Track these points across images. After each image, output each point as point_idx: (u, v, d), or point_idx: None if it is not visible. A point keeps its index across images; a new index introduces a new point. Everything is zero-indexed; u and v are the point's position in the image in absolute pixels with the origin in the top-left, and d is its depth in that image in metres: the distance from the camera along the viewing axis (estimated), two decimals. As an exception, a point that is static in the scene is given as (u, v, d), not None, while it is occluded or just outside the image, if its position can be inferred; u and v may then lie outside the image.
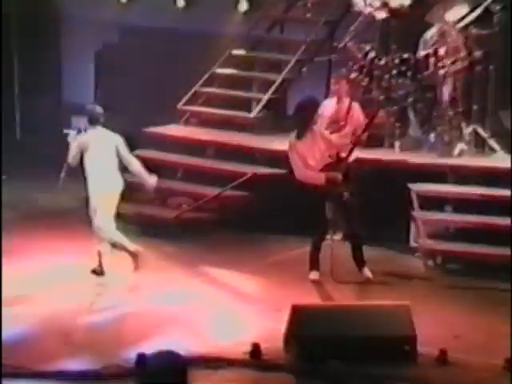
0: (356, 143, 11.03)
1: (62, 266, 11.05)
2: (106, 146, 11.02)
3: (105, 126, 11.12)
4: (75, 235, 11.73)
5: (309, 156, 10.73)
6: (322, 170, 10.71)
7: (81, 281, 10.63)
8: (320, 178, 10.66)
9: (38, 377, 8.25)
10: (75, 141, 11.00)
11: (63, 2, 16.15)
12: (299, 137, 10.82)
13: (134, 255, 10.94)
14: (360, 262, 10.96)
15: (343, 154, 10.78)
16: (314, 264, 10.92)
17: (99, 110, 11.21)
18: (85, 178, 11.04)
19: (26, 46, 16.15)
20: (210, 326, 9.45)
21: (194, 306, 10.00)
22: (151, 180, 11.18)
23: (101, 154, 10.94)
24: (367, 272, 10.88)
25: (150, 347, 8.57)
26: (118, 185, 11.05)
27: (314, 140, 10.80)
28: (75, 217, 12.44)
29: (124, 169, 11.13)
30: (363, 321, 8.88)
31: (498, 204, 11.58)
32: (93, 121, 11.10)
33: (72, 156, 11.02)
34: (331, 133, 12.02)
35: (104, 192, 10.95)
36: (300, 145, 10.78)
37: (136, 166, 11.12)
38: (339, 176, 10.64)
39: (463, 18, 12.61)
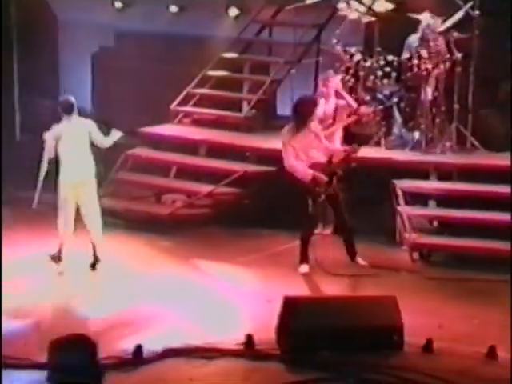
0: (349, 154, 10.99)
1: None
2: (79, 134, 11.06)
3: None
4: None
5: (301, 150, 10.76)
6: (310, 167, 10.69)
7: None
8: (307, 175, 10.68)
9: (38, 368, 8.17)
10: (50, 133, 11.07)
11: (61, 6, 16.09)
12: (296, 130, 10.81)
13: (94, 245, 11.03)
14: (352, 253, 11.02)
15: (334, 160, 10.83)
16: (304, 257, 10.91)
17: (72, 100, 11.17)
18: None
19: (26, 48, 16.11)
20: (203, 318, 9.41)
21: (187, 298, 9.98)
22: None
23: (73, 142, 11.00)
24: (360, 260, 10.95)
25: (145, 339, 8.65)
26: (91, 173, 11.08)
27: (308, 136, 10.80)
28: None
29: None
30: (352, 312, 8.86)
31: (480, 199, 11.58)
32: (67, 111, 11.10)
33: (47, 149, 11.06)
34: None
35: (77, 180, 10.99)
36: (295, 137, 10.79)
37: (108, 141, 11.16)
38: (324, 179, 10.69)
39: (443, 22, 12.64)
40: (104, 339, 8.67)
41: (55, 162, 11.15)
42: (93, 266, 10.96)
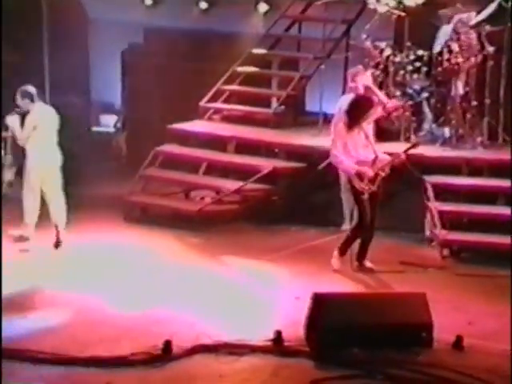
0: (394, 158, 10.90)
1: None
2: (49, 121, 11.63)
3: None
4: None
5: (351, 146, 10.70)
6: (357, 164, 10.66)
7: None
8: (351, 169, 10.64)
9: (70, 363, 8.26)
10: (29, 120, 11.56)
11: (92, 4, 16.18)
12: (349, 127, 10.76)
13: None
14: (363, 255, 10.91)
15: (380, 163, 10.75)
16: (343, 251, 10.92)
17: (32, 88, 11.78)
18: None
19: (57, 46, 16.20)
20: (232, 314, 9.43)
21: (216, 294, 10.01)
22: None
23: (45, 128, 11.57)
24: (368, 263, 10.84)
25: (175, 335, 8.69)
26: (58, 158, 11.64)
27: (359, 134, 10.74)
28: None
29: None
30: (381, 308, 8.86)
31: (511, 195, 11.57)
32: (34, 99, 11.64)
33: (26, 135, 11.56)
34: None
35: (48, 166, 11.56)
36: (347, 134, 10.72)
37: None
38: (370, 174, 10.59)
39: (476, 14, 12.58)
40: (134, 334, 8.82)
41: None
42: (56, 247, 11.50)
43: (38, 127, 11.48)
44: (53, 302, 9.72)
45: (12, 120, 11.61)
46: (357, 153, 10.68)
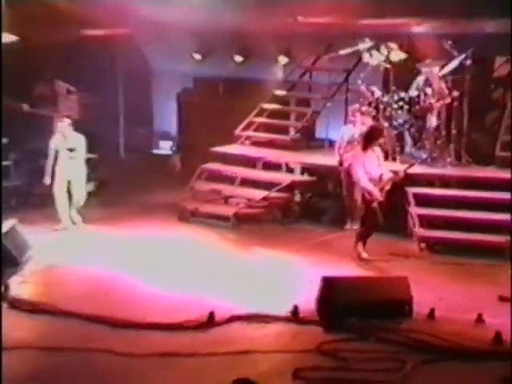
0: (395, 176, 10.88)
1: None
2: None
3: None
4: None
5: (368, 166, 10.63)
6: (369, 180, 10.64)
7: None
8: (377, 195, 10.58)
9: (137, 327, 8.36)
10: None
11: (154, 58, 16.28)
12: (364, 149, 10.72)
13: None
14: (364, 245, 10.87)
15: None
16: (364, 246, 10.84)
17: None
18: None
19: (127, 90, 16.34)
20: (261, 292, 9.43)
21: (249, 277, 9.99)
22: None
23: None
24: (364, 254, 10.77)
25: (219, 308, 8.69)
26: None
27: (371, 156, 10.70)
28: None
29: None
30: (374, 288, 8.87)
31: (472, 201, 11.49)
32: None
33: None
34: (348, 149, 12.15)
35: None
36: (364, 155, 10.68)
37: None
38: (379, 198, 10.61)
39: (442, 67, 12.59)
40: (183, 307, 8.84)
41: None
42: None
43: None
44: (118, 282, 9.77)
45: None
46: (370, 170, 10.62)
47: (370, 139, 10.66)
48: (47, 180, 11.81)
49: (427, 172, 12.26)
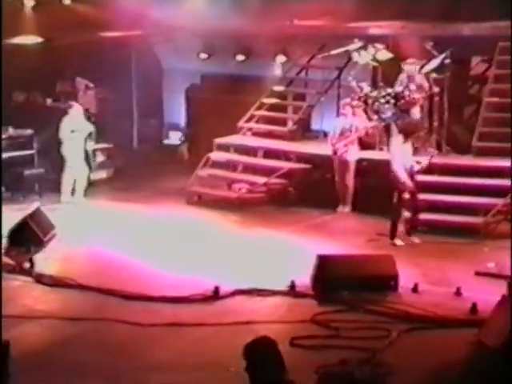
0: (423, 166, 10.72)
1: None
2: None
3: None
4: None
5: (403, 158, 10.44)
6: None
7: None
8: (410, 184, 10.44)
9: (148, 300, 8.34)
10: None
11: (165, 57, 16.22)
12: (403, 142, 10.53)
13: None
14: (393, 234, 10.56)
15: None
16: (394, 234, 10.56)
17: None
18: None
19: (141, 86, 16.29)
20: (262, 268, 9.39)
21: (251, 255, 9.93)
22: None
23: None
24: (397, 241, 10.47)
25: (222, 282, 8.65)
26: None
27: (408, 148, 10.52)
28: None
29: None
30: (363, 265, 8.87)
31: (454, 187, 11.41)
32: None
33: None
34: (340, 139, 12.06)
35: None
36: (402, 148, 10.48)
37: None
38: (412, 187, 10.45)
39: (424, 66, 12.51)
40: (189, 283, 8.81)
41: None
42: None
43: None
44: (130, 259, 9.70)
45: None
46: (405, 162, 10.43)
47: (408, 132, 10.33)
48: None
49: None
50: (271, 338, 4.24)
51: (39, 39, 13.14)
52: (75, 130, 12.17)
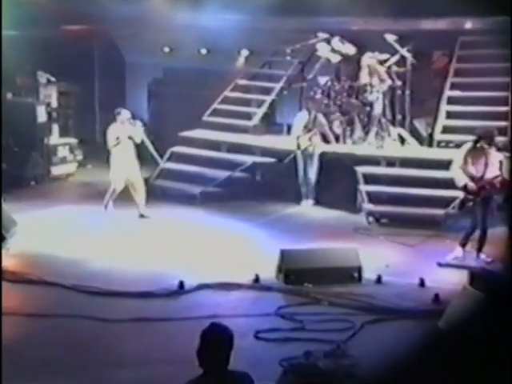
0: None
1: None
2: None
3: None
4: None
5: (471, 162, 9.49)
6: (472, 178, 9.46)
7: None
8: (459, 181, 9.51)
9: (111, 295, 8.35)
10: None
11: (127, 51, 16.09)
12: (474, 150, 9.48)
13: None
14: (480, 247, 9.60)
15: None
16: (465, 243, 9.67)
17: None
18: None
19: (103, 80, 16.17)
20: (227, 261, 9.40)
21: (217, 249, 9.91)
22: None
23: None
24: (483, 256, 9.46)
25: (187, 276, 8.66)
26: None
27: (481, 158, 9.48)
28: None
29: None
30: (327, 258, 8.95)
31: (414, 179, 11.53)
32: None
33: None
34: (303, 133, 12.12)
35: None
36: (472, 154, 9.50)
37: None
38: (474, 188, 9.36)
39: (387, 60, 12.62)
40: (152, 277, 8.81)
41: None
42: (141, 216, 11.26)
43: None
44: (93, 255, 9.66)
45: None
46: (474, 167, 9.52)
47: (478, 139, 9.56)
48: None
49: (374, 153, 12.27)
50: (231, 330, 4.31)
51: (-2, 32, 12.93)
52: (122, 137, 11.21)
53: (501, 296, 5.71)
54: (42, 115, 13.64)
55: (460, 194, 9.82)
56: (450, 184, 10.03)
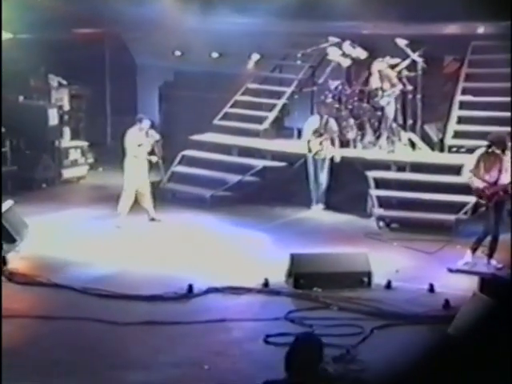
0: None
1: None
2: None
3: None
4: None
5: (486, 167, 9.39)
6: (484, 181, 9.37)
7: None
8: (471, 183, 9.49)
9: (120, 298, 8.36)
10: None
11: (139, 54, 16.15)
12: (487, 155, 9.37)
13: None
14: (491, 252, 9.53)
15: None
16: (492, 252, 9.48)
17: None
18: None
19: (115, 82, 16.24)
20: (235, 266, 9.40)
21: (227, 253, 9.92)
22: None
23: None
24: (493, 261, 9.39)
25: (196, 280, 8.67)
26: None
27: (494, 163, 9.36)
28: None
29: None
30: (337, 262, 8.93)
31: (425, 184, 11.50)
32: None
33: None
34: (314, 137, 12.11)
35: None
36: (486, 159, 9.40)
37: None
38: (486, 193, 9.31)
39: (397, 64, 12.59)
40: (166, 280, 8.81)
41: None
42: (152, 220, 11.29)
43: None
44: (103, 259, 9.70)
45: None
46: (488, 172, 9.38)
47: (493, 144, 9.43)
48: None
49: (385, 158, 12.25)
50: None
51: (10, 35, 13.03)
52: (142, 144, 11.21)
53: (511, 302, 5.69)
54: (53, 118, 13.72)
55: (470, 200, 9.78)
56: (460, 189, 10.00)
